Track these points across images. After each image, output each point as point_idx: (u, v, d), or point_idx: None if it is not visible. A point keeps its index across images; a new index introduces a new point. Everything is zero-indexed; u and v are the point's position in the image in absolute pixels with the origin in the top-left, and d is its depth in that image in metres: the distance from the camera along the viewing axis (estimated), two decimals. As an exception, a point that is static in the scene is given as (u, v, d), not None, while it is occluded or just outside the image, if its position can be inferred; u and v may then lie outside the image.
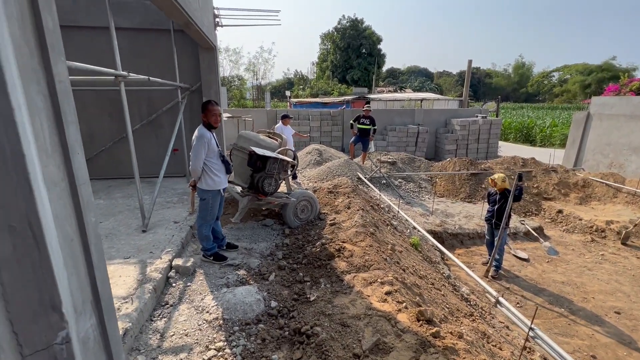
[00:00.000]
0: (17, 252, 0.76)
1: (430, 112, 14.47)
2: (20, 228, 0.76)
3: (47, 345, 0.79)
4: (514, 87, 61.99)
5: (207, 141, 3.16)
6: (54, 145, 1.11)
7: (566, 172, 9.17)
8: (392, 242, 4.50)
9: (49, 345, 0.79)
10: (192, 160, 3.21)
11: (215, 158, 3.27)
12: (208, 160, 3.23)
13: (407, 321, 2.51)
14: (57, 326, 0.80)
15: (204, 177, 3.27)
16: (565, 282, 5.22)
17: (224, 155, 3.36)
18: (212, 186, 3.29)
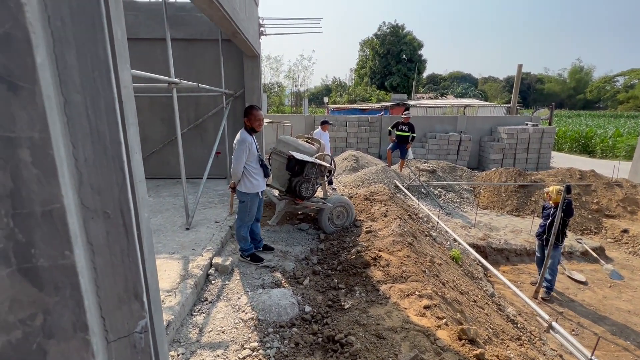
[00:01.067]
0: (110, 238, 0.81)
1: (474, 120, 13.78)
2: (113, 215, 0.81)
3: (128, 333, 0.83)
4: (569, 93, 57.11)
5: (248, 145, 3.27)
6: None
7: (633, 187, 8.19)
8: (431, 253, 4.30)
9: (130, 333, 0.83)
10: (233, 163, 3.34)
11: (254, 162, 3.38)
12: (248, 164, 3.34)
13: (447, 339, 2.37)
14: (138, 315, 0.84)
15: (243, 180, 3.38)
16: (632, 311, 4.63)
17: (262, 159, 3.45)
18: (250, 189, 3.39)
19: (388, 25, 41.53)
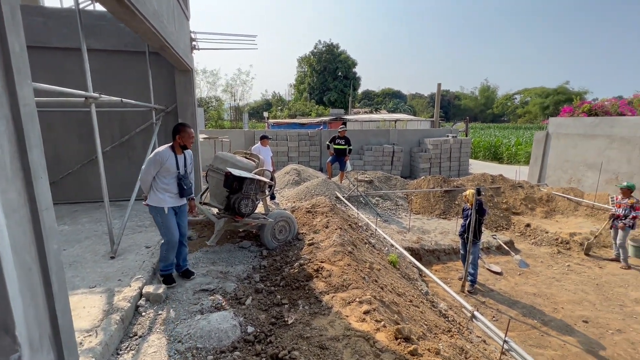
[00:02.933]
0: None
1: (404, 132, 15.04)
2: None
3: (0, 367, 0.78)
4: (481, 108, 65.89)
5: (161, 161, 3.24)
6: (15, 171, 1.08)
7: (531, 187, 9.71)
8: (371, 260, 4.52)
9: (1, 367, 0.79)
10: (141, 173, 3.35)
11: (169, 178, 3.32)
12: (160, 178, 3.30)
13: (385, 340, 2.51)
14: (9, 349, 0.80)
15: (151, 193, 3.34)
16: (537, 293, 5.42)
17: (182, 178, 3.35)
18: (155, 202, 3.30)
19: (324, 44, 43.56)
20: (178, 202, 3.43)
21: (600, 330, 4.49)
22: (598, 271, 6.16)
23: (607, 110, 12.03)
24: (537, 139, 11.54)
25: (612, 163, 9.05)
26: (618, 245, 6.35)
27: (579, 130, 10.08)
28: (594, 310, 4.95)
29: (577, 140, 10.10)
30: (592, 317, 4.76)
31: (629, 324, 4.61)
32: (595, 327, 4.55)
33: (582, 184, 9.78)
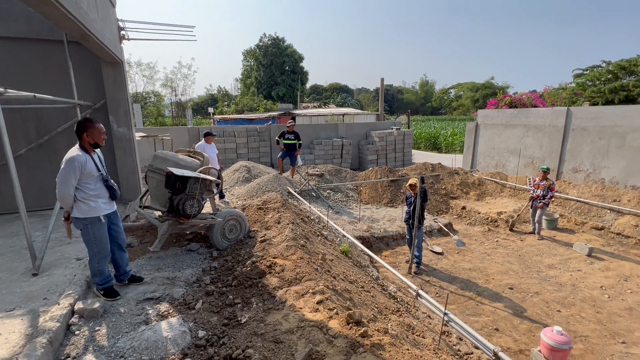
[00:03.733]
0: None
1: (352, 126, 15.50)
2: None
3: None
4: (421, 102, 70.41)
5: (79, 165, 2.82)
6: None
7: (465, 173, 10.71)
8: (323, 251, 4.62)
9: None
10: (57, 187, 2.81)
11: (93, 183, 2.94)
12: (83, 185, 2.89)
13: (338, 326, 2.60)
14: None
15: (77, 204, 2.91)
16: (472, 268, 6.03)
17: (107, 179, 3.05)
18: (88, 213, 2.92)
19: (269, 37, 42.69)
20: (111, 206, 3.14)
21: (522, 294, 5.16)
22: (520, 244, 7.04)
23: (524, 103, 13.70)
24: (468, 129, 12.71)
25: (528, 149, 10.36)
26: (536, 221, 7.32)
27: (502, 121, 11.33)
28: (517, 277, 5.67)
29: (500, 129, 11.34)
30: (516, 284, 5.44)
31: (544, 286, 5.37)
32: (518, 292, 5.21)
33: (506, 168, 11.04)
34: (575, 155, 9.12)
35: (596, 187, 8.37)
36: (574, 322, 4.49)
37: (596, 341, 4.11)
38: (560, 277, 5.64)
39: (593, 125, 8.69)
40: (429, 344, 3.25)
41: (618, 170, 8.19)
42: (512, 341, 4.12)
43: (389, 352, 2.31)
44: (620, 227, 7.14)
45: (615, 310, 4.73)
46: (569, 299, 5.00)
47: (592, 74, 13.78)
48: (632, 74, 12.63)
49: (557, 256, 6.42)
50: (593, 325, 4.40)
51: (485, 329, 4.37)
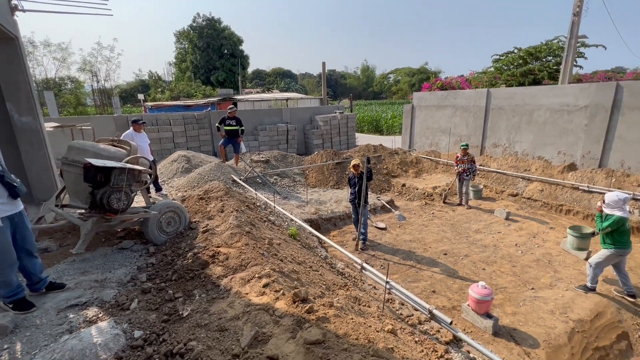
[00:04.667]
0: None
1: (296, 111, 15.37)
2: None
3: None
4: (363, 87, 72.44)
5: None
6: None
7: (404, 153, 11.38)
8: (270, 236, 4.58)
9: None
10: None
11: None
12: None
13: (284, 306, 2.62)
14: None
15: None
16: (412, 239, 6.51)
17: (4, 174, 2.59)
18: None
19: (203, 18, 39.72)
20: (14, 207, 2.69)
21: (454, 258, 5.74)
22: (452, 214, 7.77)
23: (453, 86, 14.87)
24: (405, 111, 13.45)
25: (457, 127, 11.34)
26: (463, 192, 8.11)
27: (434, 102, 12.18)
28: (450, 244, 6.27)
29: (433, 110, 12.21)
30: (449, 250, 6.02)
31: (472, 249, 6.03)
32: (451, 257, 5.78)
33: (439, 146, 11.99)
34: (494, 132, 10.23)
35: (511, 159, 9.53)
36: (495, 276, 5.14)
37: (512, 290, 4.77)
38: (485, 240, 6.38)
39: (508, 105, 9.79)
40: (374, 312, 3.45)
41: (528, 143, 9.41)
42: (447, 300, 4.58)
43: (334, 323, 2.39)
44: (530, 193, 8.28)
45: (526, 262, 5.52)
46: (491, 258, 5.69)
47: (506, 59, 15.42)
48: (537, 59, 14.42)
49: (482, 222, 7.23)
50: (510, 278, 5.09)
51: (424, 292, 4.78)
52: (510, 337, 3.83)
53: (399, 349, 2.42)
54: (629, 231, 4.42)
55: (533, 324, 4.04)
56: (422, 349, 2.84)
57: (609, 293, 4.67)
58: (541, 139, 9.07)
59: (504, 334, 3.87)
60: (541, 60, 14.34)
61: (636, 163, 7.40)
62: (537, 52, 14.30)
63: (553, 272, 5.22)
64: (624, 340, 4.07)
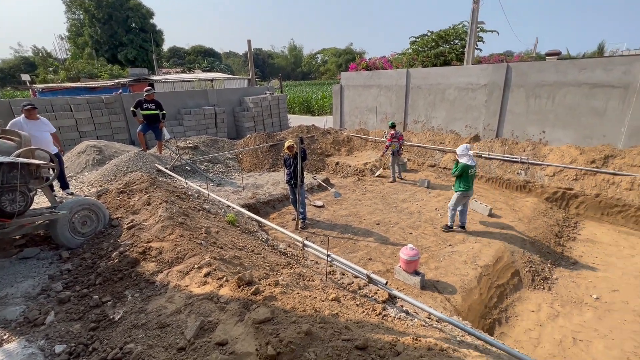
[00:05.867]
0: None
1: (223, 92, 14.50)
2: None
3: None
4: (292, 67, 71.38)
5: None
6: None
7: (336, 132, 11.74)
8: (207, 225, 4.38)
9: None
10: None
11: None
12: None
13: (229, 292, 2.58)
14: None
15: None
16: (348, 214, 6.88)
17: None
18: None
19: (100, -17, 33.92)
20: None
21: (386, 227, 6.27)
22: (382, 187, 8.40)
23: (377, 66, 15.62)
24: (334, 91, 13.76)
25: (382, 106, 12.07)
26: (390, 166, 8.79)
27: (360, 82, 12.69)
28: (381, 214, 6.81)
29: (360, 90, 12.73)
30: (381, 220, 6.54)
31: (400, 217, 6.65)
32: (383, 226, 6.31)
33: (367, 124, 12.65)
34: (415, 109, 11.18)
35: (429, 134, 10.59)
36: (420, 238, 5.79)
37: (434, 248, 5.45)
38: (410, 208, 7.08)
39: (424, 84, 10.72)
40: (318, 285, 3.62)
41: (442, 119, 10.52)
42: (382, 264, 5.02)
43: (281, 300, 2.46)
44: (445, 163, 9.37)
45: (444, 223, 6.33)
46: (416, 223, 6.37)
47: (421, 41, 16.70)
48: (447, 42, 15.94)
49: (407, 192, 7.98)
50: (432, 238, 5.79)
51: (362, 260, 5.17)
52: (434, 288, 4.42)
53: (343, 314, 2.61)
54: (472, 177, 5.68)
55: (451, 274, 4.71)
56: (363, 310, 3.11)
57: (484, 235, 5.66)
58: (452, 114, 10.22)
59: (429, 287, 4.44)
60: (450, 43, 15.90)
61: (522, 132, 8.90)
62: (446, 35, 15.78)
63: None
64: (516, 277, 5.03)
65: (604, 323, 4.23)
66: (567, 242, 6.22)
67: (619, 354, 3.77)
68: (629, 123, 7.20)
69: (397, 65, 16.07)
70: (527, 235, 5.93)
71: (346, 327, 2.22)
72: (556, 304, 4.60)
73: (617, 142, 7.43)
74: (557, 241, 6.14)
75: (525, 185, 7.88)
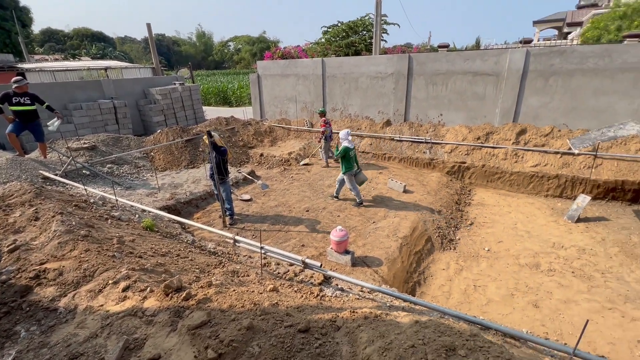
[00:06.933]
0: None
1: (123, 83, 12.71)
2: None
3: None
4: (202, 55, 66.27)
5: None
6: None
7: (257, 123, 11.46)
8: (119, 234, 3.86)
9: None
10: None
11: None
12: None
13: (156, 303, 2.35)
14: None
15: None
16: (277, 204, 6.86)
17: None
18: None
19: None
20: None
21: (316, 212, 6.46)
22: (308, 175, 8.58)
23: (292, 55, 15.62)
24: (252, 81, 13.33)
25: (301, 95, 12.19)
26: (324, 152, 9.04)
27: (278, 71, 12.55)
28: (310, 201, 6.98)
29: (278, 79, 12.61)
30: (310, 206, 6.71)
31: (328, 202, 6.92)
32: (313, 212, 6.48)
33: (288, 114, 12.67)
34: (332, 97, 11.60)
35: (347, 120, 11.15)
36: (347, 220, 6.14)
37: (360, 227, 5.86)
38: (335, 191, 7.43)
39: (339, 73, 11.18)
40: (254, 279, 3.56)
41: (357, 106, 11.18)
42: (315, 249, 5.19)
43: (217, 301, 2.34)
44: (363, 147, 10.04)
45: (368, 203, 6.83)
46: (342, 205, 6.73)
47: (333, 31, 17.28)
48: (356, 33, 16.83)
49: (332, 177, 8.33)
50: (358, 218, 6.21)
51: (296, 248, 5.25)
52: (363, 263, 4.77)
53: (282, 302, 2.63)
54: (354, 158, 6.40)
55: (377, 248, 5.14)
56: (302, 295, 3.18)
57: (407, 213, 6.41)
58: (366, 101, 10.93)
59: (359, 263, 4.78)
60: (358, 34, 16.83)
61: (424, 116, 10.07)
62: (355, 26, 16.64)
63: (384, 206, 6.68)
64: (429, 242, 5.77)
65: (494, 269, 5.19)
66: (465, 207, 7.36)
67: (505, 292, 4.69)
68: (501, 105, 8.77)
69: (312, 55, 16.34)
70: (434, 206, 6.81)
71: (287, 314, 2.24)
72: (460, 260, 5.45)
73: (494, 121, 9.00)
74: (457, 207, 7.22)
75: (430, 162, 8.99)
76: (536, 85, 8.31)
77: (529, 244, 5.79)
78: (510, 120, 8.76)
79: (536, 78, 8.26)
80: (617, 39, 12.62)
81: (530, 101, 8.48)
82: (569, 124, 8.20)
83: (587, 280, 4.84)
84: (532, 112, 8.53)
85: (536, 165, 7.82)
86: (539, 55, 8.10)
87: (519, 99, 8.56)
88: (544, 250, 5.58)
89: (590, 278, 4.88)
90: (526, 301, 4.50)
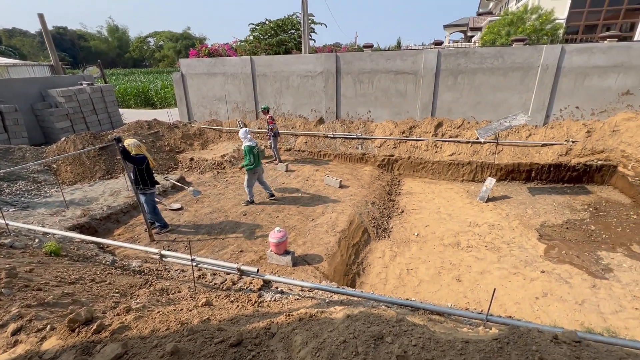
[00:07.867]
0: None
1: (12, 83, 10.70)
2: None
3: None
4: (117, 52, 59.44)
5: None
6: None
7: (185, 125, 10.69)
8: (10, 266, 3.23)
9: None
10: None
11: None
12: None
13: (59, 341, 2.01)
14: None
15: None
16: (212, 211, 6.49)
17: None
18: None
19: None
20: None
21: (253, 215, 6.26)
22: (244, 177, 8.27)
23: (220, 53, 14.89)
24: (175, 80, 12.36)
25: (231, 95, 11.71)
26: (274, 149, 8.91)
27: (204, 70, 11.85)
28: (247, 204, 6.75)
29: (205, 78, 11.91)
30: (247, 210, 6.47)
31: (265, 203, 6.78)
32: (250, 215, 6.27)
33: (219, 114, 12.07)
34: (264, 97, 11.38)
35: (281, 120, 11.06)
36: (286, 219, 6.10)
37: (300, 226, 5.86)
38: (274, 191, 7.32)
39: (270, 72, 11.01)
40: (186, 294, 3.30)
41: (290, 105, 11.15)
42: (254, 254, 5.03)
43: (136, 327, 2.10)
44: (299, 146, 10.08)
45: (306, 201, 6.86)
46: (281, 205, 6.66)
47: (261, 29, 16.95)
48: (284, 31, 16.77)
49: (269, 177, 8.19)
50: (297, 217, 6.20)
51: (234, 254, 5.02)
52: (304, 262, 4.78)
53: (215, 316, 2.47)
54: (257, 155, 6.40)
55: (317, 245, 5.20)
56: (238, 304, 3.04)
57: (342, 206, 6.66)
58: (298, 100, 10.97)
59: (300, 262, 4.78)
60: (287, 33, 16.79)
61: (355, 113, 10.50)
62: (283, 24, 16.55)
63: (322, 202, 6.80)
64: (365, 234, 6.04)
65: (423, 252, 5.67)
66: (396, 197, 7.88)
67: (433, 271, 5.15)
68: (420, 100, 9.58)
69: (240, 53, 15.81)
70: (369, 198, 7.16)
71: (219, 328, 2.11)
72: (394, 247, 5.82)
73: (415, 116, 9.80)
74: (389, 197, 7.70)
75: (363, 157, 9.42)
76: (448, 83, 9.26)
77: (450, 225, 6.45)
78: (429, 115, 9.62)
79: (447, 76, 9.21)
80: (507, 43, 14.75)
81: (444, 97, 9.42)
82: (475, 116, 9.33)
83: (497, 251, 5.58)
84: (446, 107, 9.50)
85: (452, 154, 8.73)
86: (448, 55, 9.04)
87: (434, 95, 9.44)
88: (462, 230, 6.27)
89: (499, 249, 5.63)
90: (451, 277, 5.00)
